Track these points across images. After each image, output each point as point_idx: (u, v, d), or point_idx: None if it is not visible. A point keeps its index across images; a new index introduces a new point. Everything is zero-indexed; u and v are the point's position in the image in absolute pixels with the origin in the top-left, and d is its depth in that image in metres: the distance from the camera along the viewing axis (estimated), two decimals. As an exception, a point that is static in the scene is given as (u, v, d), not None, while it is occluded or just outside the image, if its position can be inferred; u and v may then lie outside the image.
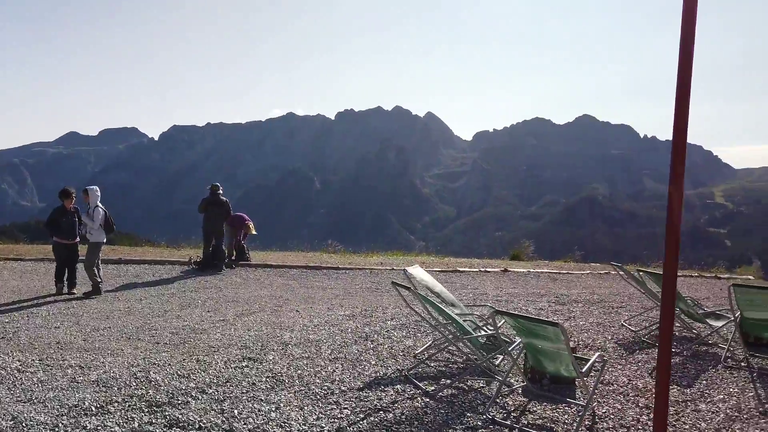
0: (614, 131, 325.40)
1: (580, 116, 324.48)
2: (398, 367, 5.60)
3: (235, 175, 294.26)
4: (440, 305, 5.39)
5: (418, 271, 6.02)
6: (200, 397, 4.71)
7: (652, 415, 4.46)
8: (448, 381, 5.22)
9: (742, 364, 5.93)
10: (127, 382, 5.04)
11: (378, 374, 5.38)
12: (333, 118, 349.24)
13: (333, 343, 6.35)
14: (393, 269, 12.74)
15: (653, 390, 4.96)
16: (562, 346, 4.00)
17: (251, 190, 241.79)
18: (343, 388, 5.00)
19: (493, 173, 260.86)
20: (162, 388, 4.91)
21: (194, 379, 5.14)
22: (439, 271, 12.46)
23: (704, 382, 5.30)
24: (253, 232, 13.33)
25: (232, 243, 12.79)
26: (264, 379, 5.21)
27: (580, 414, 4.36)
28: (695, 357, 6.14)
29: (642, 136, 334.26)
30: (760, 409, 4.59)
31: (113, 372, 5.32)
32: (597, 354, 4.50)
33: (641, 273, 6.90)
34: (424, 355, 5.91)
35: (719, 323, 6.54)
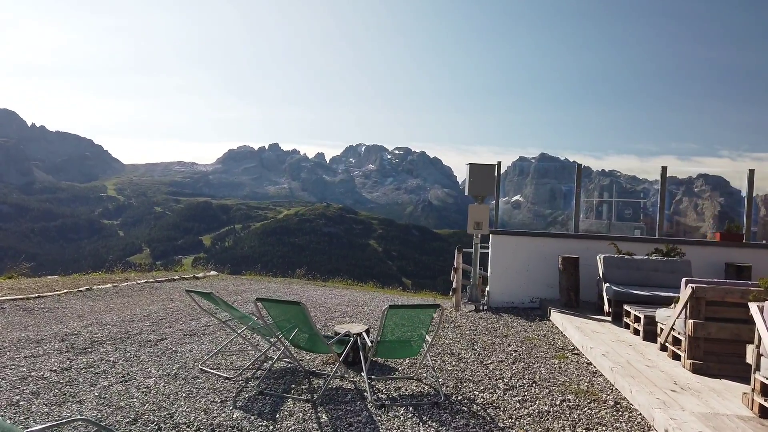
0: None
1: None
2: None
3: None
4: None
5: None
6: None
7: None
8: None
9: (382, 395, 5.11)
10: None
11: None
12: None
13: None
14: None
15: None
16: None
17: None
18: None
19: None
20: None
21: None
22: None
23: (396, 441, 4.12)
24: None
25: None
26: None
27: None
28: (335, 401, 4.90)
29: (30, 124, 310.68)
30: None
31: None
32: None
33: (259, 303, 5.08)
34: None
35: (342, 349, 5.52)
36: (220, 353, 6.28)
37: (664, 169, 9.84)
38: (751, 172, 9.67)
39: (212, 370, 5.64)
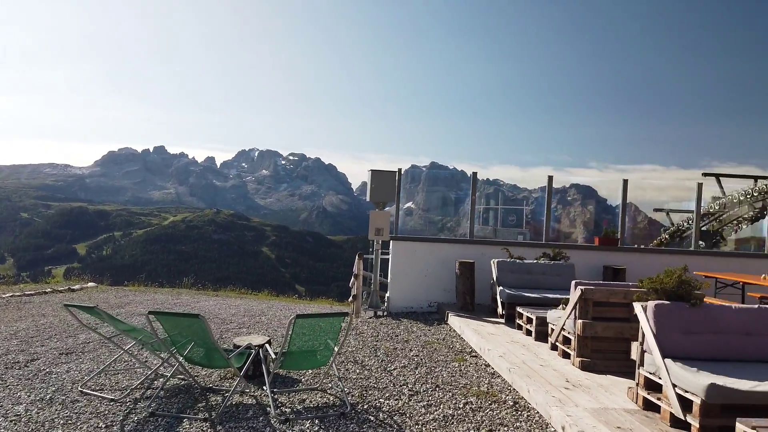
0: None
1: None
2: None
3: None
4: None
5: None
6: None
7: None
8: None
9: (286, 409, 4.90)
10: None
11: None
12: None
13: None
14: None
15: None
16: None
17: None
18: None
19: None
20: None
21: None
22: None
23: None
24: None
25: None
26: None
27: None
28: (236, 418, 4.62)
29: None
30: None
31: None
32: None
33: (151, 316, 4.66)
34: None
35: (241, 363, 5.22)
36: (104, 373, 5.72)
37: (550, 178, 10.47)
38: (625, 182, 10.57)
39: (94, 392, 5.12)
